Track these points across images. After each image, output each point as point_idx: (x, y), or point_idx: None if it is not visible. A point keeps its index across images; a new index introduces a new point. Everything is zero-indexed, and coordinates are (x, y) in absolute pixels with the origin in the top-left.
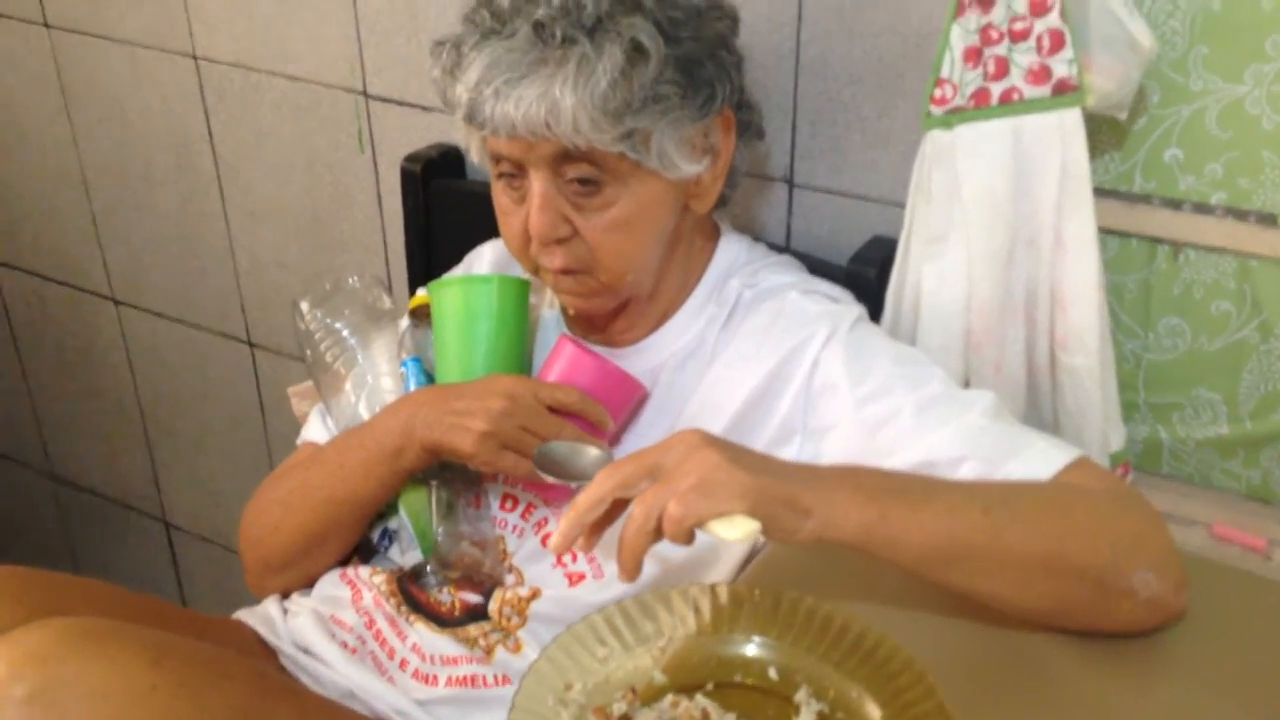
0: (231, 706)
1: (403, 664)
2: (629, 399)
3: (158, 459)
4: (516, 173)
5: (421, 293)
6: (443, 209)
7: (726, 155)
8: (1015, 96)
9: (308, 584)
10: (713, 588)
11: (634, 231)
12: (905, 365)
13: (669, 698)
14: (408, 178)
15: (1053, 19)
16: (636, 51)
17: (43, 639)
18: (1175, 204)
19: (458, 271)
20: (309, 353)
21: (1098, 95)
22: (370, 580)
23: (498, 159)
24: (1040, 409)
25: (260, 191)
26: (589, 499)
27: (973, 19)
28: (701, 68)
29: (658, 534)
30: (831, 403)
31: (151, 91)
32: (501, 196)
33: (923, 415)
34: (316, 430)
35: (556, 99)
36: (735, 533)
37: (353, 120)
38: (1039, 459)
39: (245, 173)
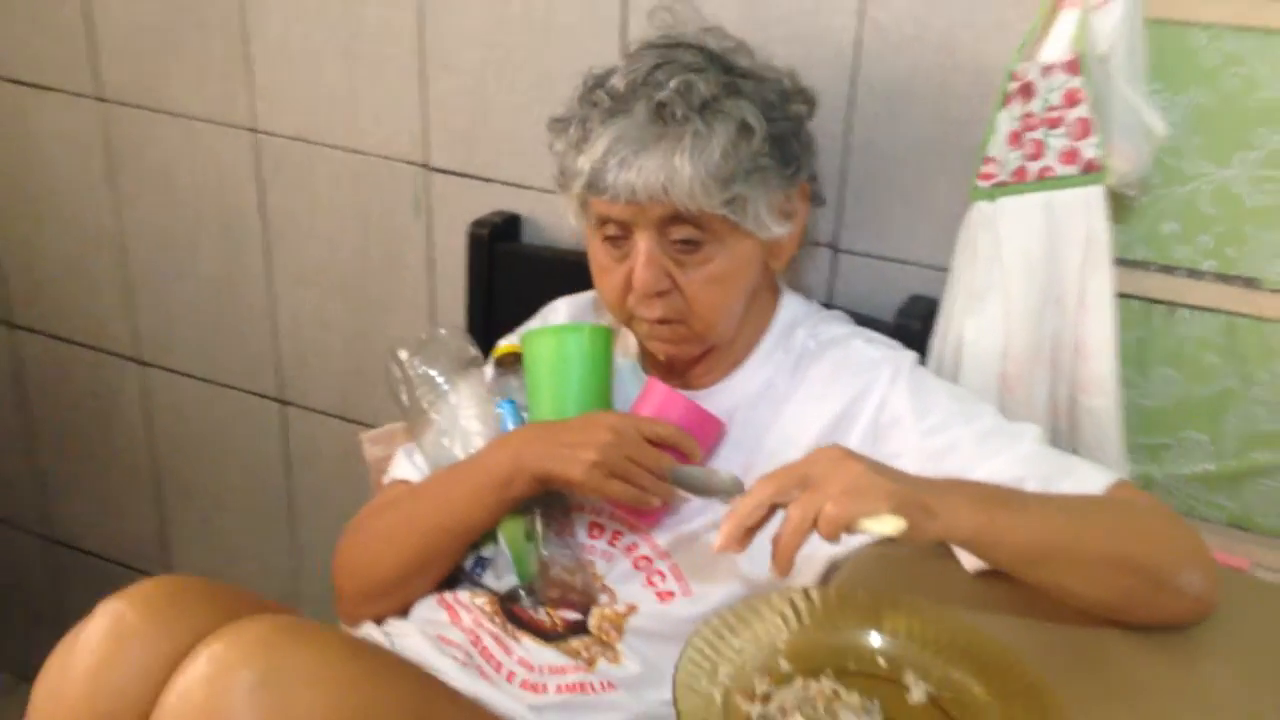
0: (415, 697)
1: (509, 676)
2: (712, 434)
3: (168, 519)
4: (621, 234)
5: (503, 343)
6: (502, 271)
7: (802, 219)
8: (1049, 174)
9: (402, 611)
10: (823, 589)
11: (727, 286)
12: (961, 402)
13: (799, 680)
14: (475, 242)
15: (1082, 109)
16: (744, 129)
17: (264, 631)
18: (1170, 270)
19: (534, 325)
20: (404, 397)
21: (1117, 175)
22: (471, 603)
23: (604, 222)
24: (1060, 446)
25: (308, 257)
26: (750, 504)
27: (1016, 108)
28: (790, 144)
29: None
30: (897, 435)
31: (206, 162)
32: (602, 255)
33: (982, 444)
34: (405, 469)
35: (676, 168)
36: (886, 528)
37: (410, 190)
38: (1088, 478)
39: (294, 239)
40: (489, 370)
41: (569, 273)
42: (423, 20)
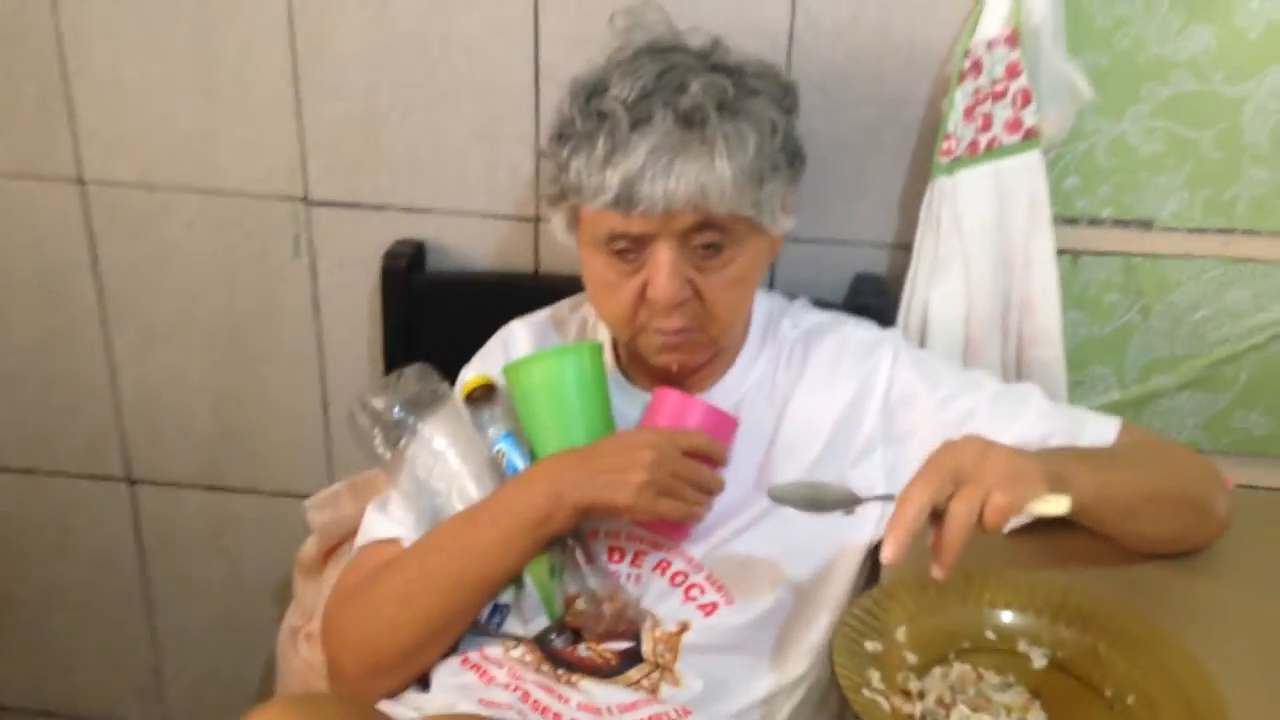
0: None
1: None
2: (730, 433)
3: None
4: (632, 247)
5: (467, 377)
6: (418, 302)
7: (792, 213)
8: (996, 144)
9: (416, 680)
10: (908, 578)
11: (745, 286)
12: (961, 372)
13: (936, 669)
14: (390, 274)
15: (1022, 80)
16: (771, 127)
17: None
18: (1073, 221)
19: (492, 354)
20: (379, 448)
21: (1047, 138)
22: (505, 657)
23: (614, 238)
24: None
25: (159, 314)
26: (915, 510)
27: (970, 84)
28: (793, 139)
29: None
30: (912, 411)
31: (16, 221)
32: (607, 272)
33: (997, 408)
34: (385, 527)
35: (717, 171)
36: (1055, 508)
37: (287, 228)
38: (1101, 427)
39: (139, 295)
40: (462, 407)
41: (486, 297)
42: (295, 47)
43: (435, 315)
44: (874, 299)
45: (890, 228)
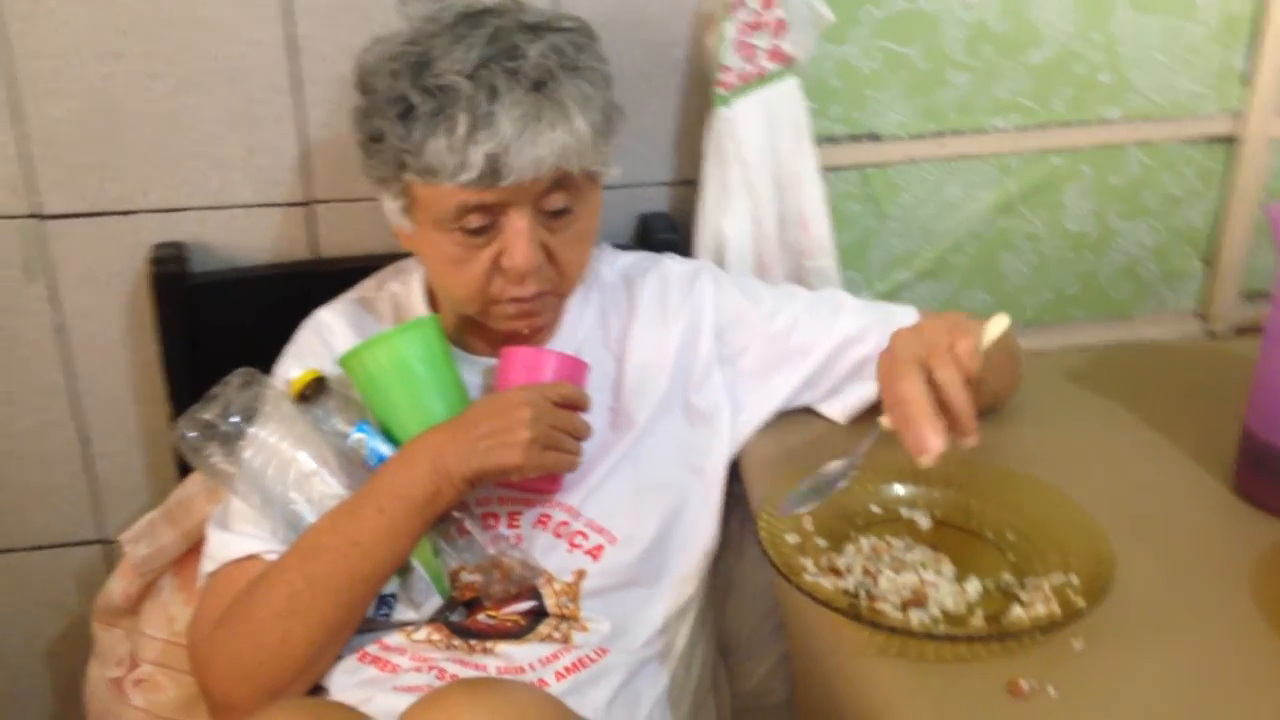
0: None
1: None
2: (584, 377)
3: None
4: (485, 220)
5: (291, 375)
6: (196, 306)
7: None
8: (763, 73)
9: (309, 691)
10: (794, 487)
11: (589, 240)
12: (773, 288)
13: (849, 547)
14: (164, 279)
15: (777, 11)
16: (606, 80)
17: None
18: (815, 141)
19: (308, 348)
20: (219, 462)
21: (799, 64)
22: (409, 642)
23: (466, 212)
24: None
25: None
26: (923, 403)
27: (736, 18)
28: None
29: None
30: (741, 329)
31: None
32: (457, 248)
33: (816, 313)
34: (241, 544)
35: (578, 130)
36: (1001, 325)
37: (16, 250)
38: (905, 315)
39: None
40: (291, 406)
41: (267, 293)
42: (8, 42)
43: (213, 319)
44: (666, 234)
45: (668, 165)
